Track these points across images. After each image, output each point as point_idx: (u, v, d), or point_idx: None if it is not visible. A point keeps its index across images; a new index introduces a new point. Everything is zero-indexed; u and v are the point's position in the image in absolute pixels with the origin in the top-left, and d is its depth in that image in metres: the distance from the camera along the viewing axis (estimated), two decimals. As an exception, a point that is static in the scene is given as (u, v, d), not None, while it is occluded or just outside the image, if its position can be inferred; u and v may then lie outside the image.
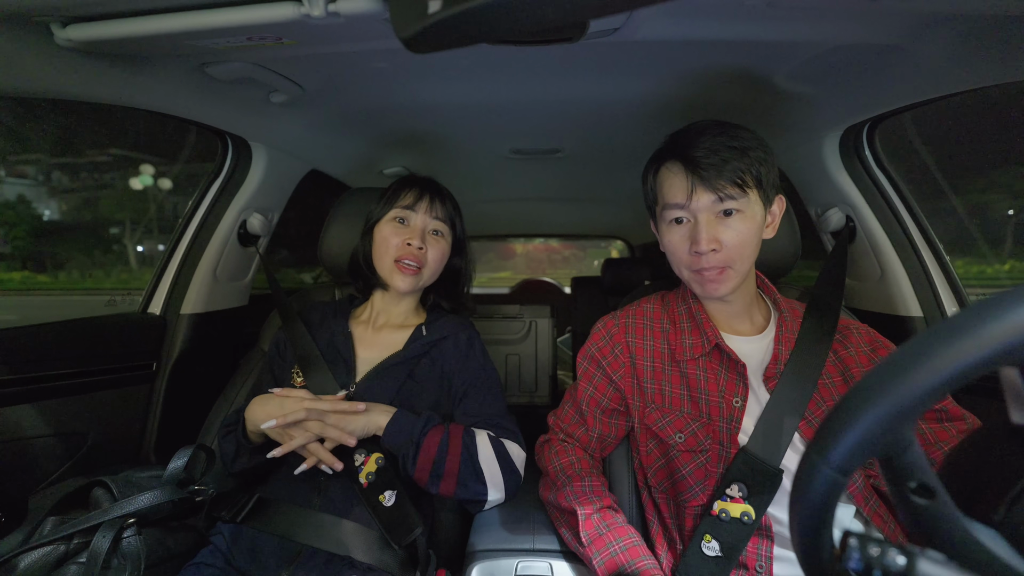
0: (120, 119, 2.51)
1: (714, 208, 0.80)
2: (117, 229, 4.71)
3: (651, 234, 0.94)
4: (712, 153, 0.78)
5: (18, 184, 2.27)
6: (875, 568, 0.33)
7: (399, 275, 1.02)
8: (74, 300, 4.77)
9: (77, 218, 5.45)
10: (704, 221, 0.80)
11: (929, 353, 0.32)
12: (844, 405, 0.35)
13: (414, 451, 0.88)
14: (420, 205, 1.04)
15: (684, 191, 0.81)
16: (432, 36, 0.32)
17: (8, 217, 3.25)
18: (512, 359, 2.39)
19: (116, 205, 4.85)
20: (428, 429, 0.90)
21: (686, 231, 0.83)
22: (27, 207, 1.06)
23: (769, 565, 0.78)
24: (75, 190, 5.38)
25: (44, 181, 4.00)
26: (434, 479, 0.88)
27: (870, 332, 0.90)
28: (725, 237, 0.80)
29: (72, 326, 1.14)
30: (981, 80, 0.82)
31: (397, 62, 0.98)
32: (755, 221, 0.81)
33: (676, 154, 0.83)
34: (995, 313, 0.30)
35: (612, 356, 0.95)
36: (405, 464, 0.89)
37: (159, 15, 0.70)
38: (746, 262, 0.83)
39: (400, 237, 1.02)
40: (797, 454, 0.79)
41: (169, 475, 0.93)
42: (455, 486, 0.89)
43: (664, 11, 0.75)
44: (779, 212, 0.88)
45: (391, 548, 0.89)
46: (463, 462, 0.89)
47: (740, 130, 0.82)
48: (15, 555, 0.79)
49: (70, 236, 5.20)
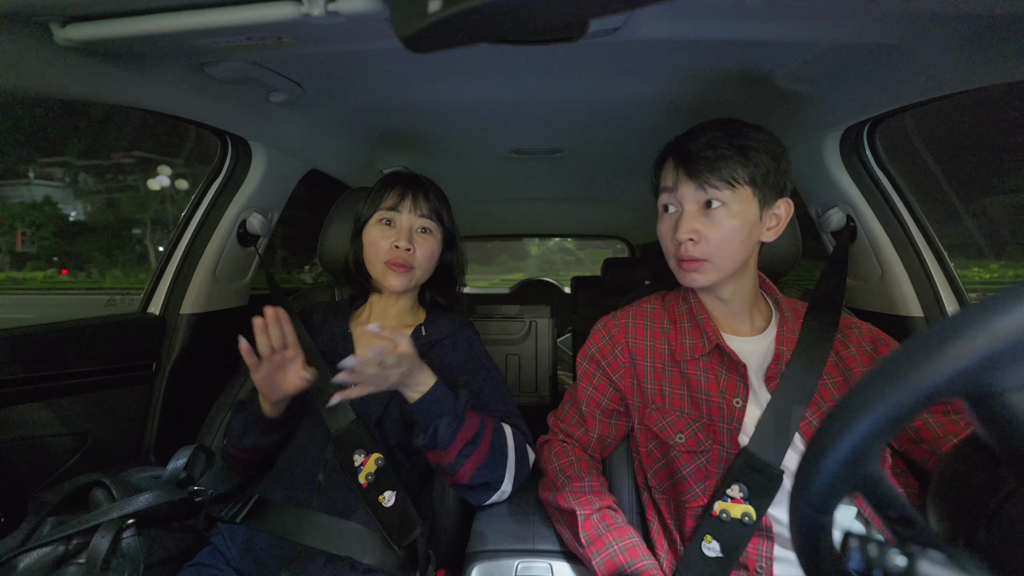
0: (142, 122, 2.54)
1: (697, 198, 0.82)
2: (139, 230, 4.75)
3: (651, 234, 0.95)
4: (707, 148, 0.80)
5: (46, 186, 2.31)
6: (875, 569, 0.33)
7: (391, 275, 1.02)
8: (98, 300, 4.84)
9: (100, 219, 5.49)
10: (688, 211, 0.83)
11: (870, 400, 0.33)
12: (808, 452, 0.37)
13: (456, 424, 0.85)
14: (404, 204, 1.03)
15: (672, 178, 0.85)
16: (432, 36, 0.32)
17: (35, 218, 3.29)
18: (512, 359, 2.39)
19: (137, 206, 4.91)
20: (469, 406, 0.90)
21: (673, 220, 0.86)
22: (54, 208, 1.09)
23: (769, 566, 0.78)
24: (99, 192, 5.42)
25: (71, 183, 4.06)
26: (461, 459, 0.86)
27: (872, 331, 0.90)
28: (706, 230, 0.81)
29: (71, 326, 1.14)
30: (981, 80, 0.81)
31: (397, 62, 0.97)
32: (743, 219, 0.81)
33: (672, 149, 0.87)
34: (922, 356, 0.31)
35: (612, 356, 0.95)
36: (436, 436, 0.84)
37: (158, 14, 0.70)
38: (727, 259, 0.83)
39: (388, 240, 1.02)
40: (798, 454, 0.79)
41: (168, 475, 0.93)
42: (477, 468, 0.88)
43: (664, 11, 0.75)
44: (784, 216, 0.86)
45: (391, 548, 0.89)
46: (493, 447, 0.90)
47: (750, 130, 0.82)
48: (14, 555, 0.79)
49: (93, 236, 5.23)
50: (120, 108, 0.98)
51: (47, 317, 1.14)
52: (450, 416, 0.85)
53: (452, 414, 0.85)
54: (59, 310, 1.12)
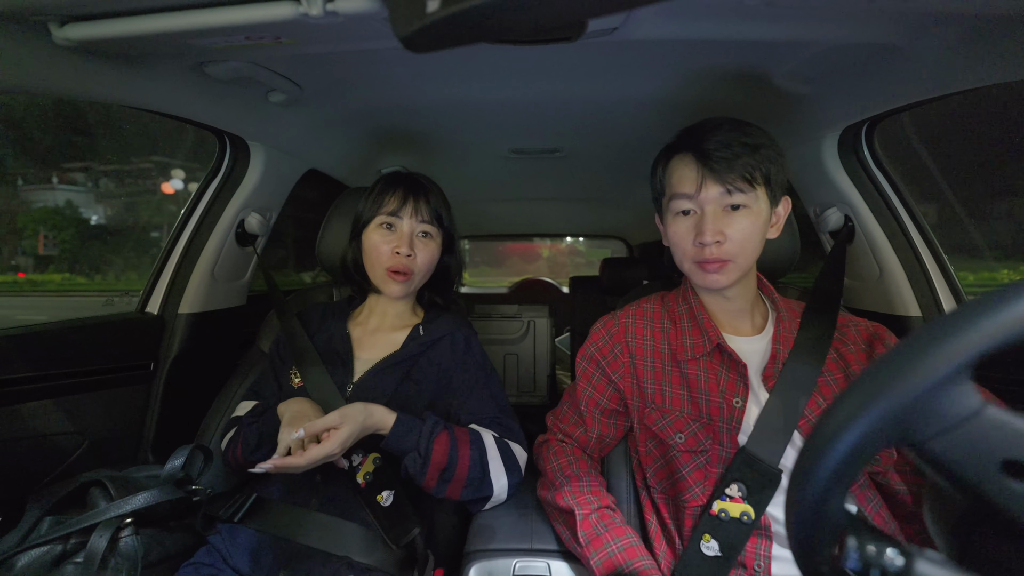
0: (161, 127, 2.53)
1: (721, 201, 0.81)
2: (156, 233, 4.75)
3: (649, 234, 0.95)
4: (724, 147, 0.79)
5: (69, 190, 2.34)
6: (873, 568, 0.33)
7: (391, 283, 1.02)
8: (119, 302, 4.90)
9: (121, 222, 5.49)
10: (711, 213, 0.81)
11: (820, 451, 0.35)
12: (804, 450, 0.38)
13: (422, 462, 0.87)
14: (405, 210, 1.02)
15: (694, 182, 0.82)
16: (431, 35, 0.32)
17: (56, 221, 3.30)
18: (510, 359, 2.40)
19: (156, 210, 4.91)
20: (435, 435, 0.89)
21: (692, 223, 0.84)
22: (74, 211, 1.11)
23: (768, 565, 0.78)
24: (119, 195, 5.42)
25: (92, 187, 4.07)
26: (442, 484, 0.88)
27: (868, 328, 0.90)
28: (730, 231, 0.81)
29: (70, 326, 1.14)
30: (980, 80, 0.81)
31: (396, 61, 0.97)
32: (760, 218, 0.82)
33: (689, 146, 0.84)
34: (845, 417, 0.34)
35: (612, 356, 0.95)
36: (413, 472, 0.87)
37: (157, 14, 0.70)
38: (748, 258, 0.83)
39: (389, 245, 1.01)
40: (797, 452, 0.79)
41: (166, 475, 0.92)
42: (462, 489, 0.90)
43: (662, 10, 0.75)
44: (784, 214, 0.88)
45: (389, 548, 0.89)
46: (472, 466, 0.89)
47: (753, 128, 0.82)
48: (12, 554, 0.78)
49: (112, 240, 5.22)
50: (139, 113, 0.98)
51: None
52: (414, 453, 0.87)
53: (416, 451, 0.87)
54: (69, 312, 1.12)
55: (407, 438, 0.88)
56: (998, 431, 0.32)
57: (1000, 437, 0.32)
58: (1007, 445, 0.32)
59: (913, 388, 0.32)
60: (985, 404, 0.33)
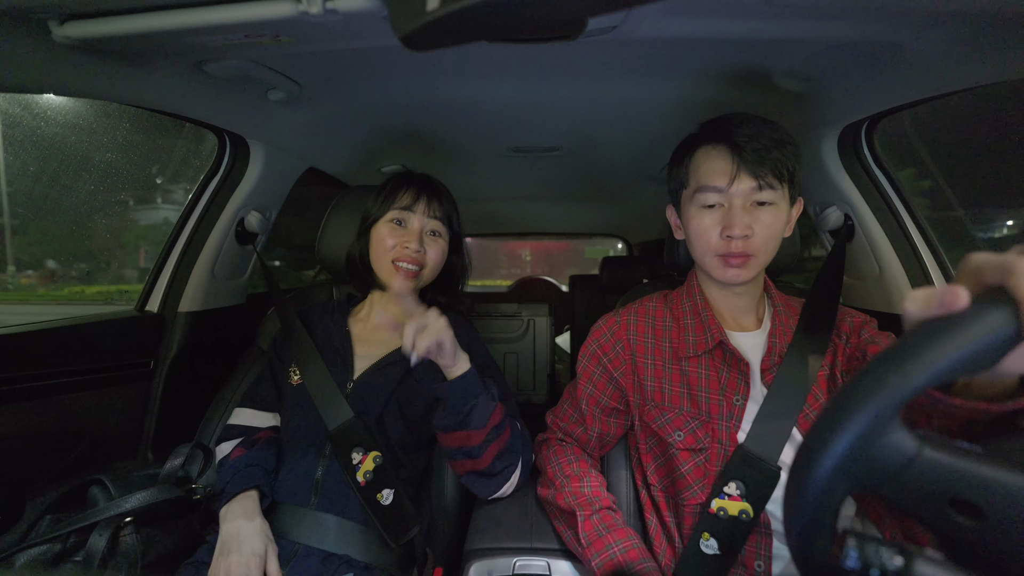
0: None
1: (751, 196, 0.81)
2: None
3: (649, 232, 0.94)
4: (755, 139, 0.79)
5: (169, 209, 2.35)
6: (872, 568, 0.33)
7: (397, 278, 1.01)
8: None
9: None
10: (739, 207, 0.81)
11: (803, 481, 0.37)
12: (802, 449, 0.39)
13: (492, 407, 0.88)
14: (418, 206, 1.02)
15: (727, 174, 0.81)
16: (430, 34, 0.32)
17: (154, 236, 3.33)
18: (510, 357, 2.39)
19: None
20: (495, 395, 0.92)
21: (718, 216, 0.83)
22: (170, 228, 1.12)
23: (768, 563, 0.78)
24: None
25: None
26: (487, 442, 0.88)
27: (856, 318, 0.90)
28: (757, 226, 0.81)
29: (70, 324, 1.14)
30: (980, 78, 0.81)
31: (395, 60, 0.97)
32: (782, 217, 0.83)
33: (719, 138, 0.83)
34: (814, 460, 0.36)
35: (614, 353, 0.95)
36: (469, 416, 0.85)
37: (156, 12, 0.69)
38: (769, 254, 0.84)
39: (398, 239, 1.01)
40: (795, 449, 0.79)
41: (166, 473, 0.93)
42: (499, 452, 0.90)
43: (662, 9, 0.75)
44: (796, 215, 0.90)
45: (388, 547, 0.89)
46: (512, 434, 0.92)
47: (777, 124, 0.83)
48: (12, 553, 0.79)
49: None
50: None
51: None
52: (485, 397, 0.87)
53: (488, 395, 0.88)
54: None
55: (476, 385, 0.87)
56: (937, 472, 0.35)
57: (941, 478, 0.34)
58: (949, 485, 0.34)
59: (846, 444, 0.35)
60: (921, 447, 0.35)
